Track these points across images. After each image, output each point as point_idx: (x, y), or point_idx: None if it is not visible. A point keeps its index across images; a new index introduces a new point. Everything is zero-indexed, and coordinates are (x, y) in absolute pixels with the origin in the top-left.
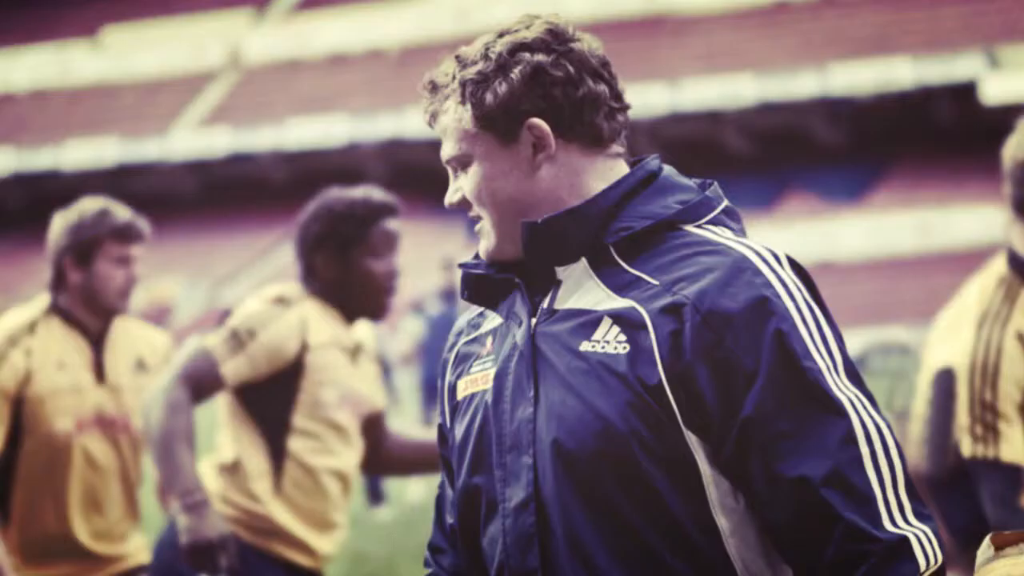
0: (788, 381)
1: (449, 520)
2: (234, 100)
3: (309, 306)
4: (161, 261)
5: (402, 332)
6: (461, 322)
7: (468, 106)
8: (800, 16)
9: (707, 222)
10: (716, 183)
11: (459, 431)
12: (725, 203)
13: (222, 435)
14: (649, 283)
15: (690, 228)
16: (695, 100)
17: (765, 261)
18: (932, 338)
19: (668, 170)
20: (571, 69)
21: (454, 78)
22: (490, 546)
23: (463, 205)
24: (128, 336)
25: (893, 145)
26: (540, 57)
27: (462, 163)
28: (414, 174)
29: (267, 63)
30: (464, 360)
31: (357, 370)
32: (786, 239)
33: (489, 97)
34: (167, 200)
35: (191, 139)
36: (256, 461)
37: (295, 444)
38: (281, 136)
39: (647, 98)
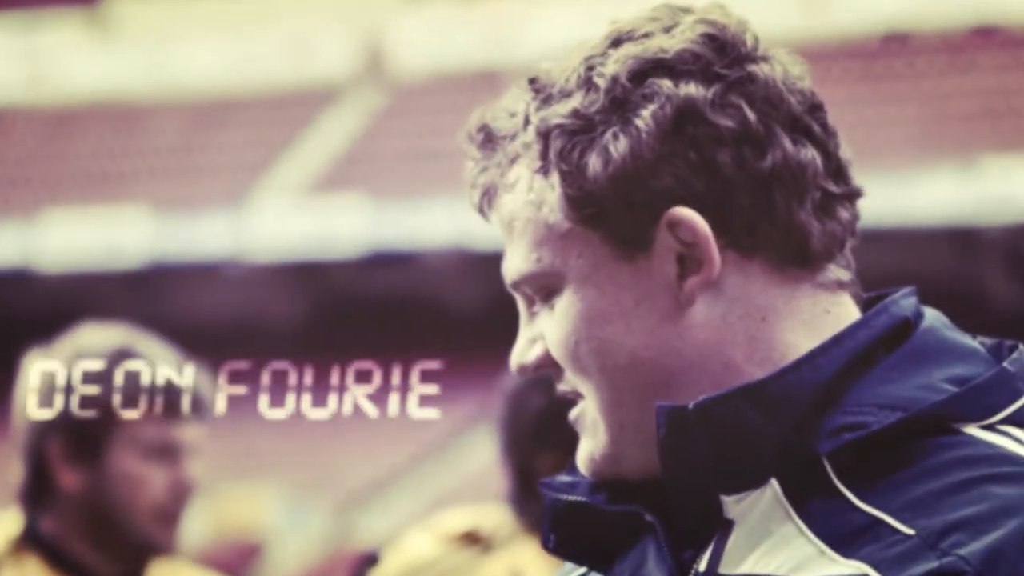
0: None
1: None
2: (372, 146)
3: (527, 551)
4: (242, 455)
5: None
6: None
7: (555, 178)
8: None
9: (1004, 420)
10: (1022, 347)
11: None
12: None
13: None
14: (896, 531)
15: (972, 430)
16: None
17: None
18: None
19: (932, 317)
20: (750, 116)
21: (527, 123)
22: None
23: (544, 369)
24: None
25: None
26: (691, 88)
27: (543, 289)
28: None
29: (432, 76)
30: None
31: None
32: None
33: (595, 163)
34: (244, 333)
35: (284, 217)
36: None
37: None
38: (463, 219)
39: None
